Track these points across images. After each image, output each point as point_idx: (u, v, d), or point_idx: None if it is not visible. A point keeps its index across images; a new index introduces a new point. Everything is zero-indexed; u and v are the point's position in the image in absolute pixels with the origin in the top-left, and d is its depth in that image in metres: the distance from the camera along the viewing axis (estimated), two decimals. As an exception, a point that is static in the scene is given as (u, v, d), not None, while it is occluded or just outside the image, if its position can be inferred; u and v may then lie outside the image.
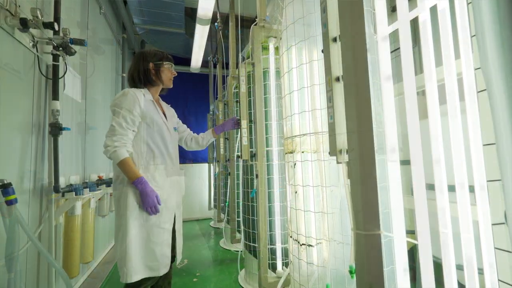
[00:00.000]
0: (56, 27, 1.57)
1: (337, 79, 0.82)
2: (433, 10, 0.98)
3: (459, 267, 0.87)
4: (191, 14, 4.04)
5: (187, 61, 4.61)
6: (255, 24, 1.82)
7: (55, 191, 1.69)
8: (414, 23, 1.04)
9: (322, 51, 0.89)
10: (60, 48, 1.67)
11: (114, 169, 1.37)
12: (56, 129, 1.71)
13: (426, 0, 0.93)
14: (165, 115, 1.50)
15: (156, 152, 1.39)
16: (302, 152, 1.19)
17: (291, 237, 1.26)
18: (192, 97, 5.27)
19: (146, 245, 1.30)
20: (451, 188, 0.89)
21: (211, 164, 4.62)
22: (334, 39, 0.83)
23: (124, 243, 1.26)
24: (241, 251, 2.42)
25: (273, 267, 1.86)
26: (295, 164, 1.22)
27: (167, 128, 1.46)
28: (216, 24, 3.39)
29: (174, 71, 1.55)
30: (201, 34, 3.50)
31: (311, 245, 1.12)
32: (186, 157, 5.14)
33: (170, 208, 1.40)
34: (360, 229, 0.70)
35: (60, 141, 1.77)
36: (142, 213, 1.31)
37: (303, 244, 1.15)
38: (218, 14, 3.39)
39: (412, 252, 1.38)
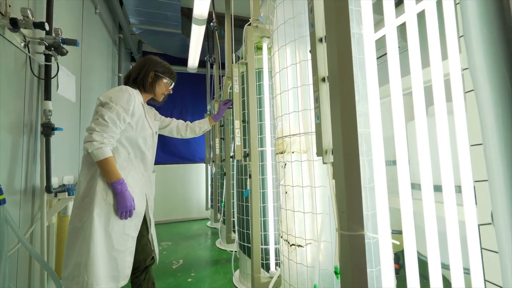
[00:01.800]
0: (47, 27, 1.55)
1: (323, 79, 0.81)
2: (421, 10, 0.98)
3: (447, 267, 0.87)
4: (187, 14, 4.03)
5: (184, 61, 4.61)
6: (249, 24, 1.81)
7: (47, 191, 1.68)
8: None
9: (310, 51, 0.89)
10: (52, 48, 1.66)
11: (85, 166, 1.29)
12: (48, 129, 1.70)
13: (413, 4, 0.93)
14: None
15: (131, 154, 1.34)
16: (293, 152, 1.18)
17: (281, 237, 1.26)
18: (190, 97, 5.28)
19: (109, 252, 1.22)
20: (438, 188, 0.89)
21: (208, 164, 4.62)
22: (320, 40, 0.83)
23: (87, 247, 1.17)
24: (236, 251, 2.42)
25: (267, 267, 1.85)
26: (285, 164, 1.22)
27: (152, 133, 1.44)
28: (212, 24, 3.39)
29: (171, 89, 1.55)
30: (197, 34, 3.50)
31: (301, 246, 1.12)
32: (184, 157, 5.14)
33: (137, 214, 1.33)
34: (344, 230, 0.70)
35: (54, 141, 1.76)
36: (108, 216, 1.23)
37: (293, 244, 1.15)
38: (214, 14, 3.39)
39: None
